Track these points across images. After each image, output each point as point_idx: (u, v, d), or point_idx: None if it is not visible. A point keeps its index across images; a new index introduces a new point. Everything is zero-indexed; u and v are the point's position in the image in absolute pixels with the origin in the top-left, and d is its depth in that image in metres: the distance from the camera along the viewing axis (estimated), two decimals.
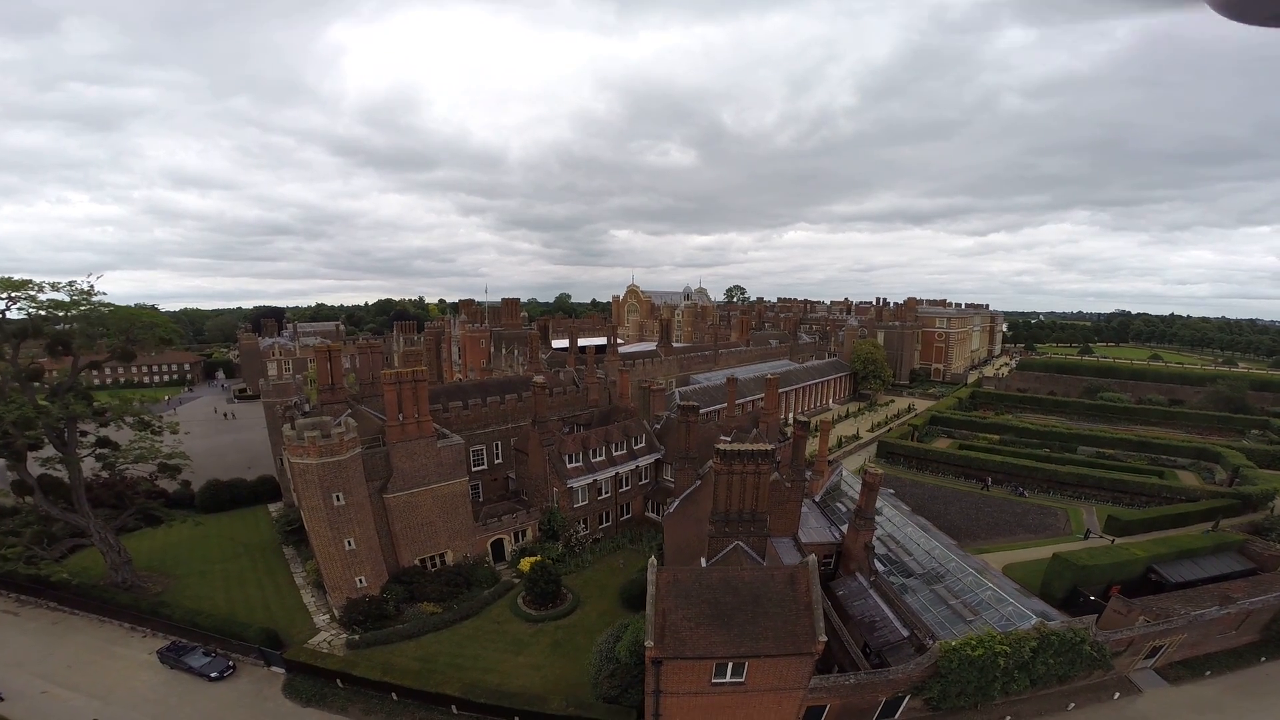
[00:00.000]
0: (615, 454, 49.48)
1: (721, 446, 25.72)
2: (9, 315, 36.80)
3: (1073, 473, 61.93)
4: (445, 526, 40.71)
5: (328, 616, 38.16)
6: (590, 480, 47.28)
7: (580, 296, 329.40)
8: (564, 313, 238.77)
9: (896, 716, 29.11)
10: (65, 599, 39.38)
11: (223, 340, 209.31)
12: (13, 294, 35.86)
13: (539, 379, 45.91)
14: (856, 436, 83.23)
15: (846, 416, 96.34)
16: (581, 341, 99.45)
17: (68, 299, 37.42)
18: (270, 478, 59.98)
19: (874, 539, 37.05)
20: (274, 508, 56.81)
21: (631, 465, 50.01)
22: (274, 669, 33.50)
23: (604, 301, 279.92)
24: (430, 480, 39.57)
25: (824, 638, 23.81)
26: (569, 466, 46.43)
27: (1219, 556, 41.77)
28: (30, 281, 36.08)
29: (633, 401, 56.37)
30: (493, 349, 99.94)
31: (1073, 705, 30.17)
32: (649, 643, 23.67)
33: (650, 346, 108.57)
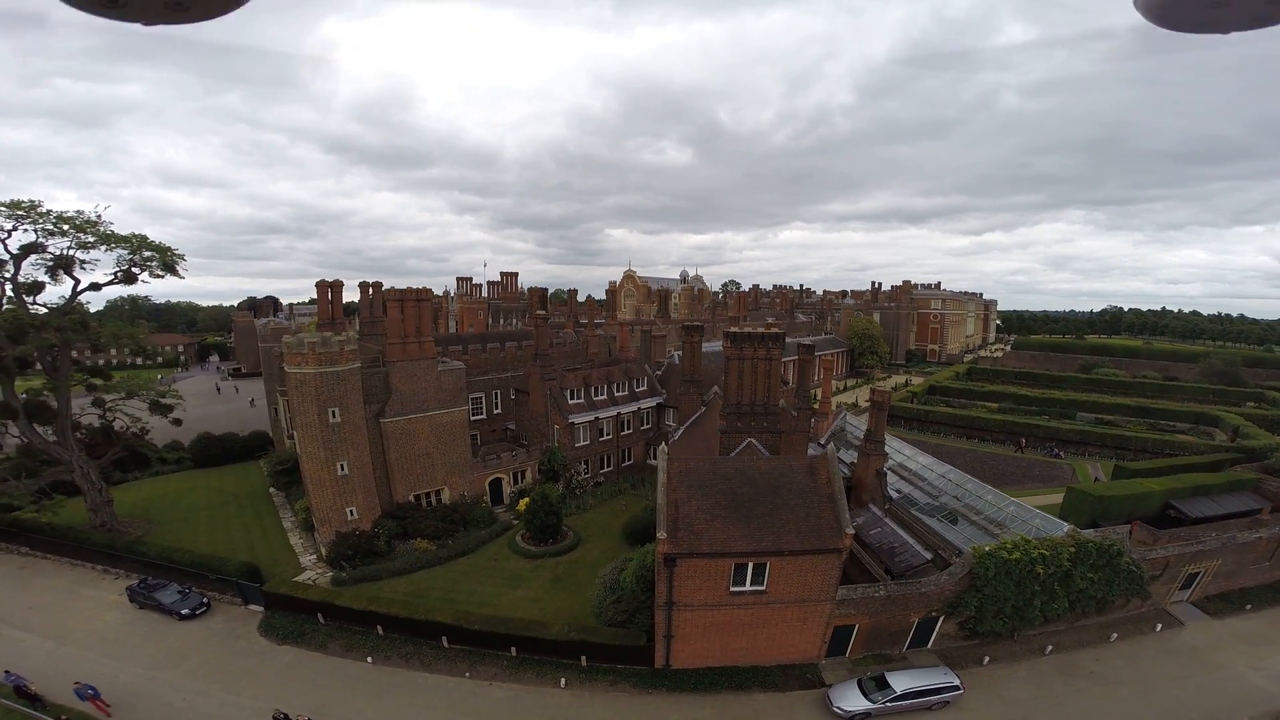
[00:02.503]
0: (617, 394, 48.11)
1: (732, 330, 24.36)
2: (14, 236, 35.76)
3: (1075, 429, 61.31)
4: (443, 460, 38.99)
5: (314, 556, 36.30)
6: (592, 418, 45.90)
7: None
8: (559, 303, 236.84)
9: (930, 645, 27.66)
10: (37, 543, 37.17)
11: (216, 329, 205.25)
12: (19, 214, 34.71)
13: (541, 313, 44.40)
14: (856, 405, 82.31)
15: (844, 390, 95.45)
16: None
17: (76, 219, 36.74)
18: (263, 433, 57.93)
19: (885, 468, 35.75)
20: (265, 463, 54.74)
21: (633, 407, 48.69)
22: (252, 607, 31.31)
23: (600, 299, 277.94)
24: (429, 407, 37.90)
25: (851, 530, 22.43)
26: (570, 403, 44.99)
27: (1235, 495, 40.81)
28: (37, 205, 35.07)
29: (633, 352, 54.93)
30: (490, 320, 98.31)
31: (1115, 636, 28.84)
32: (661, 535, 22.07)
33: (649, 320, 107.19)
